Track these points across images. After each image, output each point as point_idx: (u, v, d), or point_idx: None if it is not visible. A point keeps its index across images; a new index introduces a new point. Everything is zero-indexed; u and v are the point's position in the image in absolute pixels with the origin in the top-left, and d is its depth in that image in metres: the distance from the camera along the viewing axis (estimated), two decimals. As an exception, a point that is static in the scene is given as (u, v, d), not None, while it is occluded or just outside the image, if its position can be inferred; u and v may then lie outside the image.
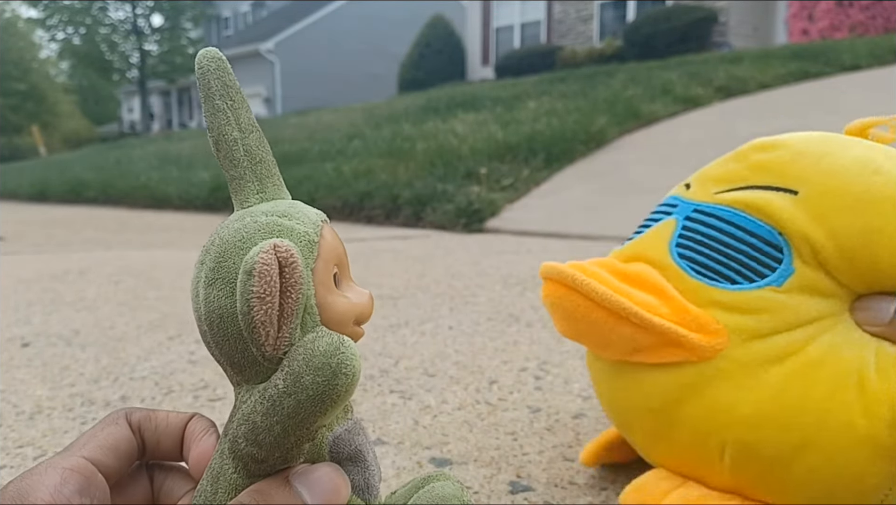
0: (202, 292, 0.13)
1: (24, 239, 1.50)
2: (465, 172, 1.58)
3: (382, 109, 3.28)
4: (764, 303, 0.19)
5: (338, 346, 0.12)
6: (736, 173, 0.21)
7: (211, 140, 0.14)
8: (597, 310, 0.19)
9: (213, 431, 0.14)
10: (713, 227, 0.20)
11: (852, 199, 0.19)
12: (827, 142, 0.21)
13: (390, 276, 0.73)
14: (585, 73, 3.13)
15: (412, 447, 0.30)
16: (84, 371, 0.43)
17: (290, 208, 0.14)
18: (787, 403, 0.18)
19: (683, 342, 0.18)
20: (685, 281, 0.20)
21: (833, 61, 2.58)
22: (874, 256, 0.18)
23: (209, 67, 0.14)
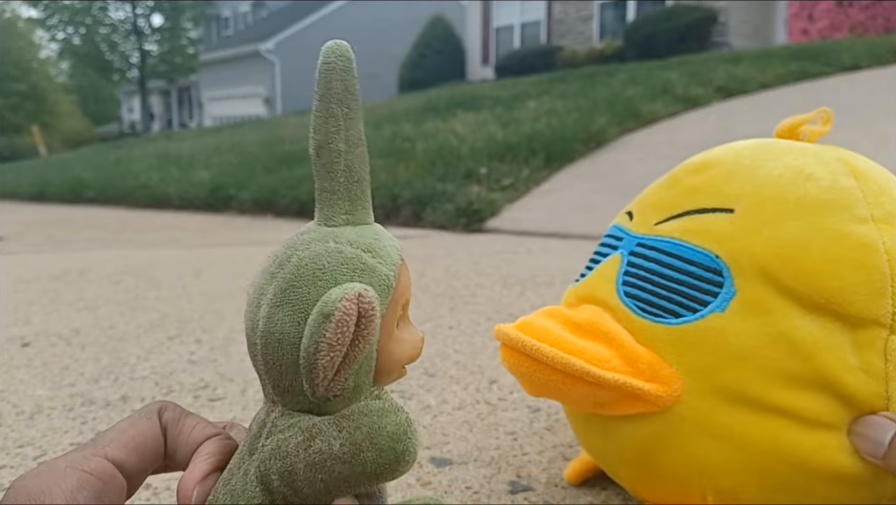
0: (265, 309, 0.13)
1: (24, 239, 1.50)
2: (465, 172, 1.58)
3: (382, 109, 3.28)
4: (709, 334, 0.18)
5: (405, 430, 0.12)
6: (671, 201, 0.21)
7: (312, 143, 0.13)
8: (551, 372, 0.19)
9: (214, 460, 0.14)
10: (655, 261, 0.20)
11: (789, 207, 0.19)
12: (758, 153, 0.21)
13: (390, 276, 0.74)
14: (585, 73, 3.13)
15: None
16: (84, 371, 0.43)
17: (375, 242, 0.13)
18: (756, 452, 0.17)
19: (640, 395, 0.18)
20: (633, 321, 0.20)
21: (833, 61, 2.58)
22: (815, 262, 0.18)
23: (336, 65, 0.13)
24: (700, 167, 0.22)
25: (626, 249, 0.22)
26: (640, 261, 0.21)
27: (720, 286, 0.19)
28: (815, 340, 0.17)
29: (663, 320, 0.19)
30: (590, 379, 0.18)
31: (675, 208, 0.21)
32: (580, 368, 0.18)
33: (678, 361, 0.19)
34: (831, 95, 2.06)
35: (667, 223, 0.21)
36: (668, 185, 0.22)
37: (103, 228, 1.73)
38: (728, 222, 0.19)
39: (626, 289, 0.21)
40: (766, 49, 3.39)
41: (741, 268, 0.19)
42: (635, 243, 0.21)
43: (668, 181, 0.23)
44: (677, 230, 0.20)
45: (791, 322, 0.18)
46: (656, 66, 2.92)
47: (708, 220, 0.20)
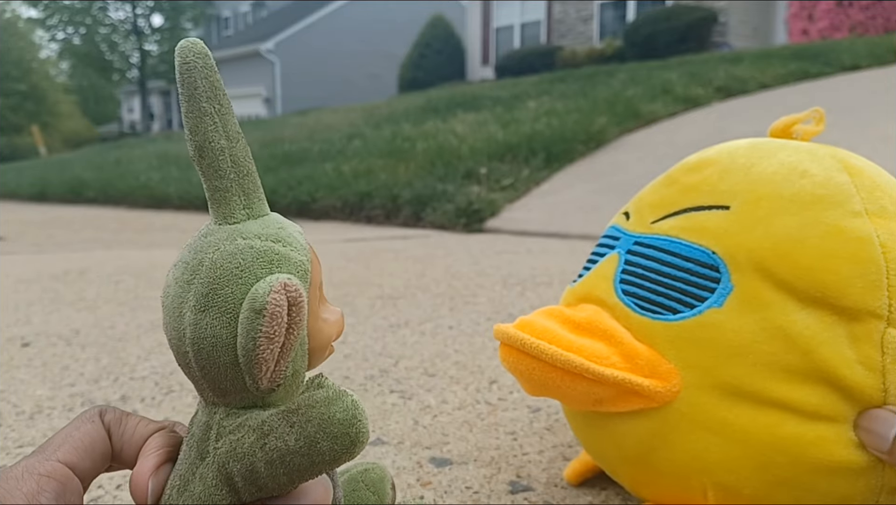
0: (190, 316, 0.13)
1: (24, 239, 1.50)
2: (465, 172, 1.58)
3: (382, 109, 3.28)
4: (706, 330, 0.18)
5: (353, 413, 0.12)
6: (668, 199, 0.21)
7: (192, 146, 0.13)
8: (551, 370, 0.19)
9: (163, 452, 0.14)
10: (652, 259, 0.20)
11: (784, 203, 0.19)
12: (752, 152, 0.21)
13: (390, 276, 0.73)
14: (585, 73, 3.12)
15: (412, 447, 0.30)
16: (84, 371, 0.43)
17: (281, 231, 0.13)
18: (756, 446, 0.17)
19: (639, 391, 0.18)
20: (631, 319, 0.20)
21: (833, 61, 2.58)
22: (811, 256, 0.18)
23: (196, 64, 0.13)
24: (696, 166, 0.22)
25: (624, 248, 0.22)
26: (637, 259, 0.21)
27: (717, 282, 0.19)
28: (813, 333, 0.18)
29: (661, 317, 0.19)
30: (589, 376, 0.18)
31: (672, 206, 0.21)
32: (579, 364, 0.18)
33: (676, 357, 0.19)
34: (831, 95, 2.06)
35: (663, 221, 0.21)
36: (665, 184, 0.22)
37: (103, 229, 1.73)
38: (724, 219, 0.20)
39: (623, 287, 0.21)
40: (766, 49, 3.39)
41: (738, 263, 0.19)
42: (632, 242, 0.21)
43: (665, 180, 0.23)
44: (674, 228, 0.20)
45: (788, 316, 0.18)
46: (656, 67, 2.92)
47: (704, 217, 0.20)
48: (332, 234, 1.31)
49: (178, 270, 0.13)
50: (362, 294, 0.63)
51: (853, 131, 1.57)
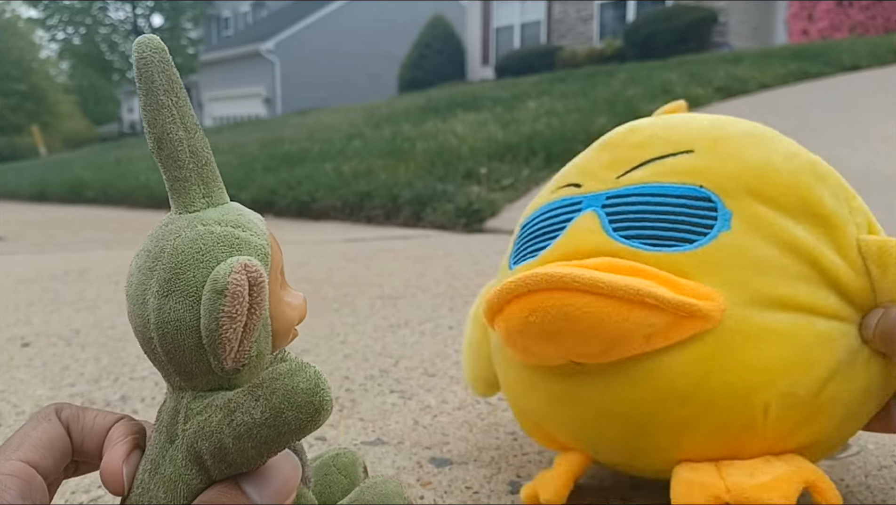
0: (154, 302, 0.13)
1: (24, 239, 1.50)
2: (465, 172, 1.57)
3: (382, 110, 3.28)
4: (727, 251, 0.18)
5: (317, 382, 0.13)
6: (622, 157, 0.21)
7: (151, 138, 0.14)
8: (606, 304, 0.17)
9: (131, 439, 0.14)
10: (640, 204, 0.19)
11: (740, 140, 0.20)
12: (675, 117, 0.22)
13: (390, 276, 0.73)
14: (585, 73, 3.12)
15: (412, 447, 0.30)
16: (84, 371, 0.43)
17: (241, 217, 0.14)
18: (803, 344, 0.18)
19: (696, 312, 0.17)
20: (646, 258, 0.19)
21: (833, 61, 2.58)
22: (785, 176, 0.19)
23: (152, 59, 0.13)
24: (633, 130, 0.22)
25: (595, 205, 0.20)
26: (620, 209, 0.20)
27: (714, 210, 0.19)
28: (812, 245, 0.19)
29: (678, 248, 0.19)
30: (652, 301, 0.17)
31: (631, 162, 0.21)
32: (641, 288, 0.17)
33: (710, 280, 0.18)
34: (831, 95, 2.06)
35: (630, 174, 0.20)
36: (607, 149, 0.22)
37: (103, 229, 1.73)
38: (694, 160, 0.20)
39: (620, 233, 0.19)
40: (766, 49, 3.40)
41: (727, 191, 0.19)
42: (603, 198, 0.20)
43: (604, 147, 0.22)
44: (648, 176, 0.20)
45: (789, 231, 0.19)
46: (656, 67, 2.91)
47: (672, 162, 0.20)
48: (332, 235, 1.31)
49: (141, 258, 0.14)
50: (362, 294, 0.63)
51: (853, 131, 1.57)
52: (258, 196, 1.88)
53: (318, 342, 0.48)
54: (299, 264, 0.83)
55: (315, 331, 0.51)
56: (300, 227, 1.50)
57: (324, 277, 0.73)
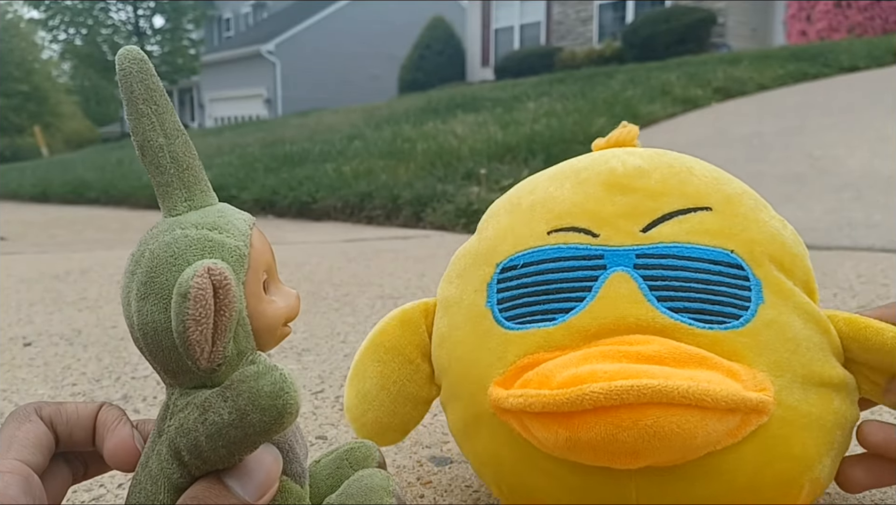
0: (135, 305, 0.14)
1: (26, 239, 1.51)
2: (464, 173, 1.58)
3: (383, 110, 3.29)
4: (771, 327, 0.17)
5: (281, 385, 0.13)
6: (640, 206, 0.19)
7: (135, 145, 0.14)
8: (702, 416, 0.15)
9: (126, 420, 0.15)
10: (680, 269, 0.18)
11: (746, 199, 0.20)
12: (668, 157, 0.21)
13: (390, 276, 0.73)
14: (584, 75, 3.13)
15: (412, 446, 0.30)
16: (86, 370, 0.43)
17: (220, 219, 0.14)
18: (828, 428, 0.18)
19: (762, 408, 0.16)
20: (699, 337, 0.17)
21: (831, 62, 2.58)
22: (789, 244, 0.19)
23: (130, 70, 0.14)
24: (640, 172, 0.20)
25: (624, 265, 0.18)
26: (658, 272, 0.18)
27: (747, 280, 0.18)
28: (820, 313, 0.19)
29: (728, 326, 0.17)
30: (742, 406, 0.15)
31: (654, 212, 0.19)
32: (738, 397, 0.15)
33: (762, 363, 0.17)
34: (830, 96, 2.06)
35: (657, 228, 0.19)
36: (618, 192, 0.20)
37: (105, 229, 1.74)
38: (716, 219, 0.19)
39: (665, 305, 0.17)
40: (764, 50, 3.39)
41: (754, 258, 0.18)
42: (633, 256, 0.18)
43: (610, 188, 0.20)
44: (679, 233, 0.18)
45: (806, 300, 0.19)
46: (655, 68, 2.92)
47: (698, 218, 0.19)
48: (333, 235, 1.31)
49: (127, 262, 0.14)
50: (362, 294, 0.63)
51: (852, 132, 1.57)
52: (259, 196, 1.89)
53: (319, 342, 0.48)
54: (299, 264, 0.83)
55: (315, 331, 0.51)
56: (301, 228, 1.50)
57: (324, 277, 0.73)
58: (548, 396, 0.16)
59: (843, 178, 1.21)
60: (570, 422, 0.16)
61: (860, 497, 0.23)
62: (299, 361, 0.43)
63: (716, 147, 1.63)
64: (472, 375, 0.19)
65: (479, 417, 0.19)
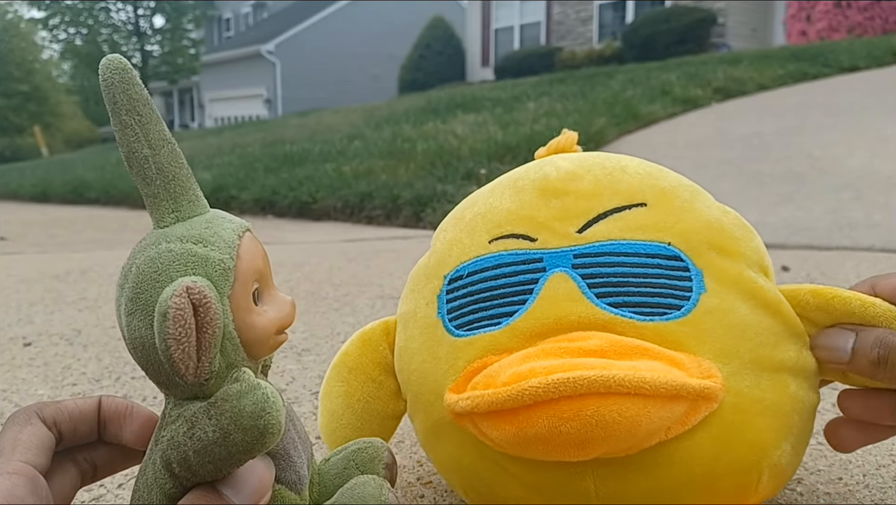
0: (124, 319, 0.14)
1: (26, 239, 1.51)
2: (464, 173, 1.58)
3: (383, 110, 3.29)
4: (713, 315, 0.17)
5: (263, 406, 0.13)
6: (574, 207, 0.19)
7: (122, 156, 0.14)
8: (643, 404, 0.15)
9: (138, 404, 0.16)
10: (617, 265, 0.18)
11: (681, 193, 0.20)
12: (600, 159, 0.21)
13: (390, 276, 0.73)
14: (584, 75, 3.12)
15: (412, 446, 0.30)
16: (86, 370, 0.43)
17: (206, 231, 0.14)
18: (785, 413, 0.18)
19: (710, 394, 0.16)
20: (641, 329, 0.17)
21: (831, 62, 2.58)
22: (732, 229, 0.19)
23: (112, 80, 0.14)
24: (572, 175, 0.20)
25: (563, 266, 0.18)
26: (596, 270, 0.18)
27: (687, 270, 0.18)
28: (774, 294, 0.19)
29: (670, 316, 0.17)
30: (685, 392, 0.15)
31: (588, 213, 0.19)
32: (680, 383, 0.15)
33: (707, 350, 0.17)
34: (830, 96, 2.06)
35: (592, 228, 0.19)
36: (552, 196, 0.20)
37: (105, 229, 1.74)
38: (652, 214, 0.19)
39: (605, 301, 0.18)
40: (764, 50, 3.38)
41: (692, 247, 0.18)
42: (570, 256, 0.18)
43: (543, 193, 0.20)
44: (614, 231, 0.18)
45: (755, 284, 0.18)
46: (655, 68, 2.92)
47: (632, 215, 0.19)
48: (333, 235, 1.31)
49: (120, 274, 0.14)
50: (362, 294, 0.63)
51: (852, 132, 1.57)
52: (259, 196, 1.89)
53: (319, 342, 0.48)
54: (299, 264, 0.83)
55: (315, 331, 0.51)
56: (301, 228, 1.50)
57: (324, 277, 0.73)
58: (492, 395, 0.16)
59: (843, 178, 1.21)
60: (516, 418, 0.16)
61: (860, 497, 0.23)
62: (299, 361, 0.43)
63: (716, 147, 1.63)
64: (429, 384, 0.20)
65: (438, 425, 0.20)
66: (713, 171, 1.34)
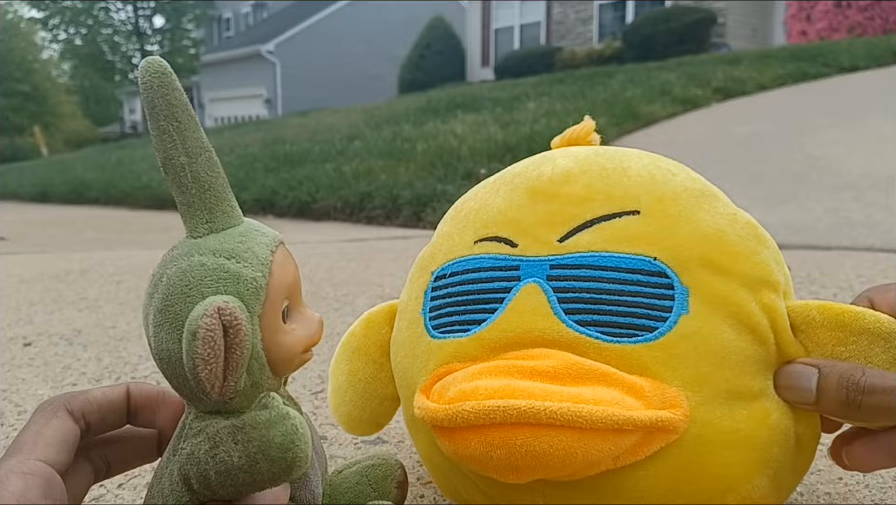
0: (151, 329, 0.14)
1: (26, 239, 1.51)
2: (464, 173, 1.59)
3: (383, 110, 3.29)
4: (691, 339, 0.16)
5: (292, 438, 0.13)
6: (562, 212, 0.18)
7: (158, 161, 0.14)
8: (578, 436, 0.15)
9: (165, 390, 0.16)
10: (590, 280, 0.17)
11: (685, 199, 0.18)
12: (607, 157, 0.20)
13: (390, 276, 0.73)
14: (584, 74, 3.13)
15: (412, 446, 0.30)
16: (86, 370, 0.43)
17: (240, 245, 0.14)
18: (760, 445, 0.17)
19: (666, 425, 0.15)
20: (606, 351, 0.16)
21: (831, 62, 2.59)
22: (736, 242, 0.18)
23: (152, 84, 0.13)
24: (567, 177, 0.19)
25: (537, 276, 0.18)
26: (569, 284, 0.17)
27: (671, 288, 0.17)
28: (761, 321, 0.17)
29: (640, 339, 0.16)
30: (628, 426, 0.15)
31: (573, 220, 0.18)
32: (619, 417, 0.15)
33: (675, 378, 0.16)
34: (829, 96, 2.07)
35: (575, 237, 0.18)
36: (541, 199, 0.19)
37: (105, 229, 1.74)
38: (643, 223, 0.18)
39: (573, 318, 0.17)
40: (764, 50, 3.39)
41: (681, 263, 0.17)
42: (546, 267, 0.18)
43: (534, 195, 0.19)
44: (596, 242, 0.18)
45: (744, 307, 0.17)
46: (655, 68, 2.92)
47: (621, 224, 0.18)
48: (333, 235, 1.31)
49: (148, 282, 0.14)
50: (362, 294, 0.63)
51: (852, 132, 1.57)
52: (259, 196, 1.89)
53: (319, 342, 0.48)
54: (299, 264, 0.82)
55: (315, 331, 0.51)
56: (301, 228, 1.50)
57: (324, 277, 0.73)
58: (433, 411, 0.16)
59: (843, 178, 1.21)
60: (453, 437, 0.16)
61: (860, 497, 0.23)
62: (299, 361, 0.43)
63: (716, 147, 1.63)
64: (407, 379, 0.20)
65: (413, 421, 0.20)
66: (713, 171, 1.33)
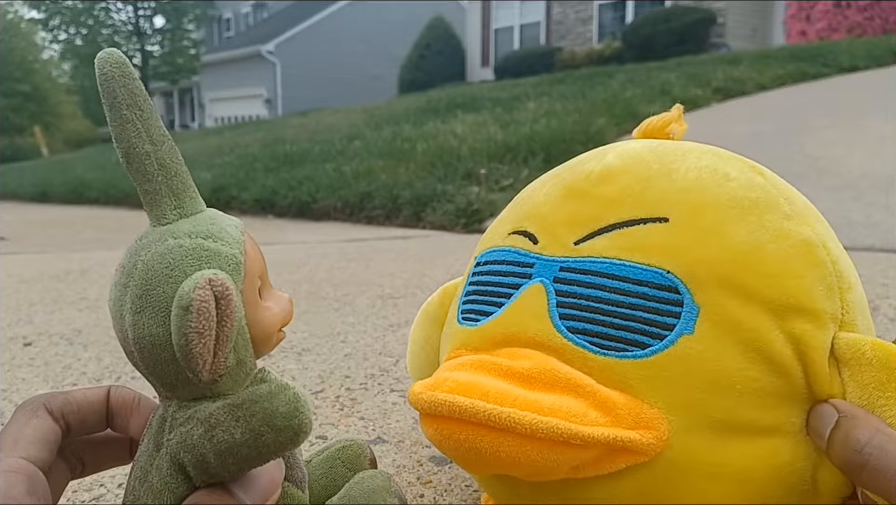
0: (129, 318, 0.13)
1: (26, 239, 1.51)
2: (464, 173, 1.58)
3: (383, 110, 3.29)
4: (685, 362, 0.15)
5: (296, 405, 0.13)
6: (585, 214, 0.18)
7: (120, 153, 0.14)
8: (521, 443, 0.14)
9: (146, 397, 0.16)
10: (595, 287, 0.16)
11: (725, 210, 0.17)
12: (659, 156, 0.18)
13: (390, 276, 0.73)
14: (584, 75, 3.12)
15: (412, 446, 0.30)
16: (86, 370, 0.43)
17: (213, 226, 0.14)
18: (757, 483, 0.16)
19: (629, 446, 0.15)
20: (591, 361, 0.16)
21: (831, 62, 2.58)
22: (773, 262, 0.16)
23: (112, 74, 0.13)
24: (605, 176, 0.18)
25: (545, 277, 0.17)
26: (573, 288, 0.17)
27: (680, 305, 0.16)
28: (785, 351, 0.16)
29: (629, 354, 0.16)
30: (576, 441, 0.14)
31: (594, 223, 0.17)
32: (564, 429, 0.14)
33: (658, 399, 0.15)
34: (829, 97, 2.07)
35: (591, 241, 0.17)
36: (572, 198, 0.18)
37: (105, 229, 1.74)
38: (668, 233, 0.17)
39: (566, 323, 0.17)
40: (764, 50, 3.38)
41: (698, 281, 0.16)
42: (556, 269, 0.17)
43: (569, 193, 0.19)
44: (610, 248, 0.17)
45: (763, 335, 0.16)
46: (655, 68, 2.92)
47: (643, 232, 0.17)
48: (333, 235, 1.31)
49: (117, 274, 0.14)
50: (362, 294, 0.63)
51: (852, 132, 1.57)
52: (259, 196, 1.89)
53: (319, 342, 0.48)
54: (299, 264, 0.83)
55: (315, 330, 0.51)
56: (301, 227, 1.50)
57: (324, 277, 0.73)
58: (411, 393, 0.16)
59: (843, 178, 1.21)
60: (422, 420, 0.16)
61: (860, 497, 0.23)
62: (299, 361, 0.43)
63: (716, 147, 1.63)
64: (440, 357, 0.21)
65: None
66: (713, 171, 1.34)
